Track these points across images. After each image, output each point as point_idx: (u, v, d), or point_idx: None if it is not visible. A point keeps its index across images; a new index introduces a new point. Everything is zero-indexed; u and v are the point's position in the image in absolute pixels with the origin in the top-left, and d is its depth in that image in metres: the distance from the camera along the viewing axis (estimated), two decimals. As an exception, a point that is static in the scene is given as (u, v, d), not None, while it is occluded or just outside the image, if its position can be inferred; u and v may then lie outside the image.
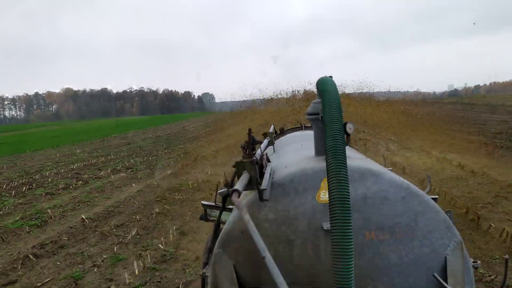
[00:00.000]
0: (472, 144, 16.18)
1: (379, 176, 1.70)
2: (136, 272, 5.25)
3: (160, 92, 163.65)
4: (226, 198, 1.90)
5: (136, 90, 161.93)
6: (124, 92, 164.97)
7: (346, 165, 1.43)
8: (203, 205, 2.79)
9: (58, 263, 5.81)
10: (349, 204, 1.37)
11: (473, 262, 1.81)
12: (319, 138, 2.02)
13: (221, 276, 1.69)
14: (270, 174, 1.78)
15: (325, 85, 1.75)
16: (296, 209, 1.68)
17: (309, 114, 2.03)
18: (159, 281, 4.99)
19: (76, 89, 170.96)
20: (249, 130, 2.05)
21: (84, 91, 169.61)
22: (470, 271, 1.71)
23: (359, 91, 33.35)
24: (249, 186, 1.54)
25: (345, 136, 1.79)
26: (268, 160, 2.05)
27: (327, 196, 1.50)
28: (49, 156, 20.87)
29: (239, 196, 1.34)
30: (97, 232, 7.08)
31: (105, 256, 5.92)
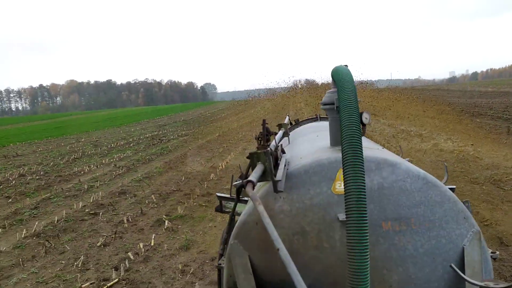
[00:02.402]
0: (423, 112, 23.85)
1: (396, 166, 1.70)
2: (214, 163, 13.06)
3: (164, 83, 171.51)
4: (240, 190, 1.79)
5: (140, 81, 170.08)
6: (129, 83, 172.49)
7: (362, 155, 1.43)
8: (218, 197, 2.96)
9: (177, 173, 13.58)
10: (364, 195, 1.36)
11: (492, 253, 1.80)
12: (335, 128, 2.01)
13: (237, 266, 1.73)
14: (285, 165, 1.78)
15: (340, 74, 1.72)
16: (311, 200, 1.67)
17: (324, 104, 2.04)
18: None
19: (80, 81, 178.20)
20: (264, 120, 2.05)
21: (88, 83, 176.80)
22: (488, 261, 1.72)
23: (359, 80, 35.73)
24: (263, 177, 1.55)
25: (361, 126, 1.79)
26: (283, 151, 2.07)
27: (342, 187, 1.46)
28: (112, 133, 28.30)
29: (253, 187, 1.36)
30: (205, 150, 14.89)
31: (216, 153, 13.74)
